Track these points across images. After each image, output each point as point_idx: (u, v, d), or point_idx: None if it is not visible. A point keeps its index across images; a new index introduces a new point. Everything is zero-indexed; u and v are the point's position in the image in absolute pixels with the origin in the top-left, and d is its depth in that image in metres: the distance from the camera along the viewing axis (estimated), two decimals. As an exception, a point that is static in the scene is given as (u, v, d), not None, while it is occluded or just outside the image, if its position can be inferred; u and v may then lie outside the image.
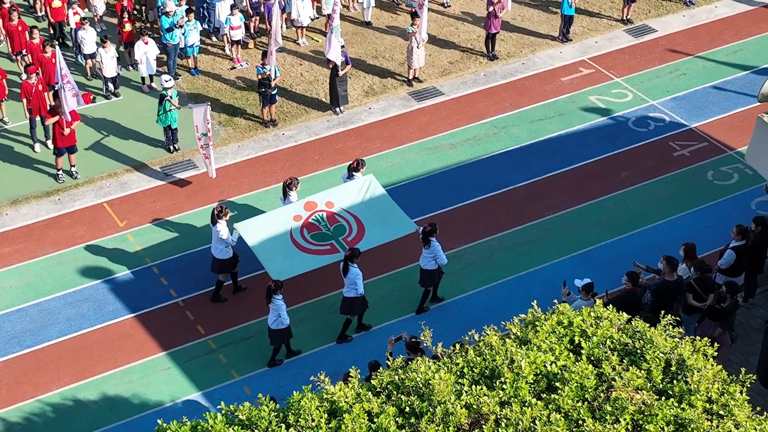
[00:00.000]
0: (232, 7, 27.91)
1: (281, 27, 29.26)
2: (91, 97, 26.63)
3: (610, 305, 12.94)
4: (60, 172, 23.79)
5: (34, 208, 23.15)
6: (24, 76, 25.22)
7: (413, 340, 16.93)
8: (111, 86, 26.79)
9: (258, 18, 28.99)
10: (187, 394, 18.85)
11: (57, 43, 26.76)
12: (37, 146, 24.80)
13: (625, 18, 30.42)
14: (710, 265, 18.94)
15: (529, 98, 27.02)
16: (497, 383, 11.57)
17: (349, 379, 12.04)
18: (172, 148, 24.83)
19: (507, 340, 12.25)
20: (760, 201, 23.12)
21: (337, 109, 26.27)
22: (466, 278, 21.33)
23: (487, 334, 12.35)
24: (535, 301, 12.73)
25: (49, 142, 24.35)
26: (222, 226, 20.10)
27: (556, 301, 12.99)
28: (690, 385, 11.63)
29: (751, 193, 23.44)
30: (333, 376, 12.20)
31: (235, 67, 28.08)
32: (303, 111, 26.33)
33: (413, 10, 27.50)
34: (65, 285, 21.13)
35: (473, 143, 25.31)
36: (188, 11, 27.22)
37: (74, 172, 23.93)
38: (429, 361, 11.85)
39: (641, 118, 26.25)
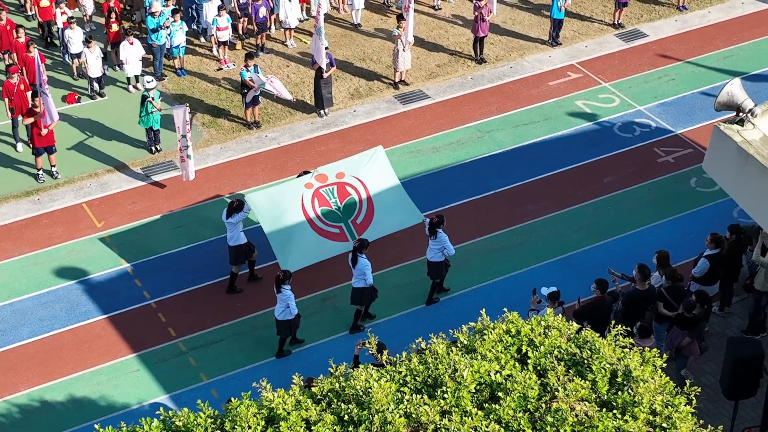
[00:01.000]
0: (220, 8, 27.84)
1: (270, 29, 29.31)
2: (76, 96, 26.65)
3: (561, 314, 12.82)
4: (40, 171, 23.78)
5: (13, 207, 23.13)
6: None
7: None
8: (96, 86, 26.78)
9: (246, 19, 28.90)
10: (154, 396, 18.80)
11: (37, 45, 26.63)
12: (19, 146, 24.80)
13: (616, 22, 30.23)
14: (682, 274, 18.77)
15: (516, 102, 26.87)
16: (439, 392, 11.45)
17: (292, 386, 11.93)
18: (153, 149, 24.78)
19: (453, 348, 12.12)
20: (741, 209, 22.87)
21: (322, 111, 26.18)
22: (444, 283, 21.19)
23: (434, 342, 12.23)
24: (483, 310, 12.60)
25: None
26: (235, 218, 20.28)
27: (506, 309, 12.83)
28: (635, 396, 11.49)
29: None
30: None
31: (221, 68, 28.03)
32: (287, 113, 26.24)
33: (401, 12, 27.39)
34: (39, 285, 21.10)
35: (456, 147, 25.18)
36: (174, 12, 27.18)
37: (55, 172, 23.91)
38: (371, 369, 11.74)
39: (627, 123, 26.08)
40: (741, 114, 13.89)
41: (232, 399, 11.41)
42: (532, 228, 22.76)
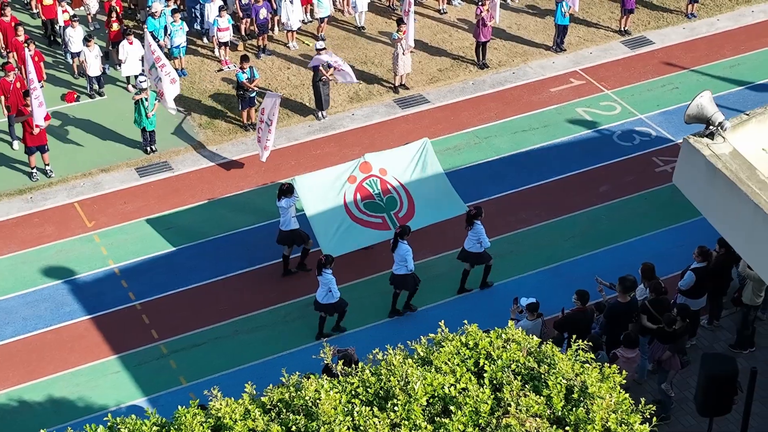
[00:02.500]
0: (221, 8, 27.76)
1: (273, 30, 29.25)
2: (75, 95, 26.67)
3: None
4: (34, 170, 23.80)
5: (5, 205, 23.16)
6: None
7: (341, 353, 16.65)
8: (95, 85, 26.78)
9: (248, 20, 28.81)
10: (132, 399, 18.74)
11: (40, 43, 26.71)
12: (15, 143, 24.83)
13: (622, 29, 29.91)
14: (666, 287, 18.51)
15: (516, 108, 26.62)
16: (390, 404, 11.29)
17: (243, 394, 11.81)
18: (149, 149, 24.75)
19: (408, 360, 11.95)
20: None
21: (320, 113, 26.06)
22: (429, 290, 20.98)
23: (390, 353, 12.06)
24: (442, 321, 12.42)
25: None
26: (285, 202, 20.51)
27: (466, 321, 12.64)
28: (589, 413, 11.28)
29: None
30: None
31: (222, 69, 27.97)
32: (285, 115, 26.09)
33: (401, 16, 27.24)
34: (26, 284, 21.11)
35: (453, 153, 24.98)
36: (174, 12, 27.14)
37: (49, 171, 23.93)
38: (322, 380, 11.59)
39: (627, 131, 25.79)
40: (711, 127, 13.66)
41: (180, 407, 11.32)
42: (523, 236, 22.53)
